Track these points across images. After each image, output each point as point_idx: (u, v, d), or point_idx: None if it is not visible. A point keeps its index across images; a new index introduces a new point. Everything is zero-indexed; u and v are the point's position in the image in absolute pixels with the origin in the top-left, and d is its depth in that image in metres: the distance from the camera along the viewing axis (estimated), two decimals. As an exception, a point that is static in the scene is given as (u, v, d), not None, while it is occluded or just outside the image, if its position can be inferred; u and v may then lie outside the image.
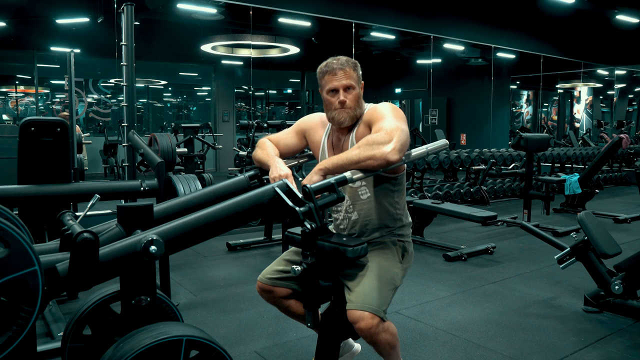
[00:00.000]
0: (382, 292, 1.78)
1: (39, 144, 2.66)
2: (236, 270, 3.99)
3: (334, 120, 1.93)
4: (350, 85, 1.88)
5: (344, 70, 1.87)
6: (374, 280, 1.80)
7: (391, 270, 1.87)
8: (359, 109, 1.91)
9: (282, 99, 17.79)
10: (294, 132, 2.13)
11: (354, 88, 1.89)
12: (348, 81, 1.88)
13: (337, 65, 1.88)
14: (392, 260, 1.91)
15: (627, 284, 2.95)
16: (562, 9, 9.21)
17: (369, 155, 1.66)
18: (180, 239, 1.60)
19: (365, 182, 1.91)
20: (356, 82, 1.90)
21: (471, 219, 4.35)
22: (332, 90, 1.90)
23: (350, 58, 1.92)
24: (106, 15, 8.11)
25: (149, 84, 13.59)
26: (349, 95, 1.88)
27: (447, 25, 9.66)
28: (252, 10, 7.68)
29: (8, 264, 1.30)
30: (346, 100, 1.87)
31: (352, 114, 1.89)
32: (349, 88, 1.88)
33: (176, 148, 4.33)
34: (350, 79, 1.88)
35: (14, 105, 12.98)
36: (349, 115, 1.89)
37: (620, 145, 6.10)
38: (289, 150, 2.12)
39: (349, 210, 1.97)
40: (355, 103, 1.89)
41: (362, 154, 1.67)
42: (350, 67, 1.89)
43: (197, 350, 1.48)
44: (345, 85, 1.88)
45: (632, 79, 15.23)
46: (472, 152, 7.31)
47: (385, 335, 1.76)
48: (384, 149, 1.65)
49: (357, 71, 1.92)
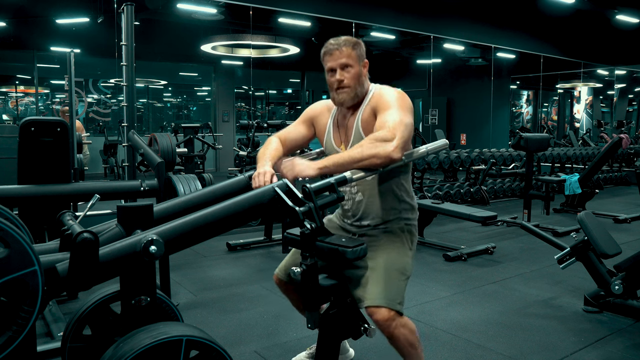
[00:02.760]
0: (395, 285, 1.81)
1: (39, 144, 2.66)
2: (236, 270, 3.99)
3: (335, 100, 1.93)
4: (347, 64, 1.86)
5: (340, 50, 1.86)
6: (385, 273, 1.82)
7: (402, 261, 1.89)
8: (359, 87, 1.89)
9: (282, 99, 17.79)
10: (301, 121, 2.12)
11: (352, 66, 1.87)
12: (344, 60, 1.86)
13: (334, 45, 1.88)
14: (402, 249, 1.92)
15: (627, 284, 2.95)
16: (562, 9, 9.21)
17: (372, 153, 1.66)
18: (180, 239, 1.60)
19: None
20: (355, 60, 1.87)
21: (471, 219, 4.35)
22: (330, 70, 1.90)
23: (351, 37, 1.91)
24: (106, 15, 8.11)
25: (149, 84, 13.58)
26: (346, 74, 1.86)
27: (447, 25, 9.66)
28: (252, 10, 7.68)
29: (8, 264, 1.30)
30: (343, 79, 1.86)
31: (352, 93, 1.88)
32: (346, 67, 1.86)
33: (176, 148, 4.33)
34: (347, 57, 1.86)
35: (14, 105, 12.98)
36: (349, 95, 1.88)
37: (620, 145, 6.10)
38: (298, 142, 2.11)
39: (353, 191, 1.96)
40: (354, 81, 1.87)
41: (365, 152, 1.67)
42: (349, 46, 1.87)
43: (197, 350, 1.48)
44: (341, 64, 1.86)
45: (632, 79, 15.22)
46: (472, 152, 7.31)
47: (403, 330, 1.80)
48: (387, 147, 1.66)
49: (356, 49, 1.88)
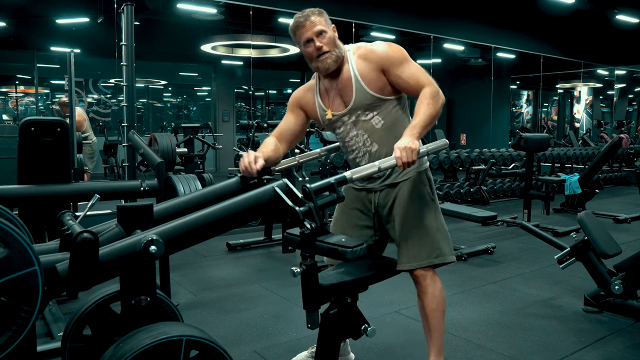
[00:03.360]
0: (429, 241, 2.02)
1: (39, 144, 2.66)
2: (236, 270, 3.99)
3: (319, 69, 2.01)
4: (321, 31, 1.95)
5: (310, 20, 1.94)
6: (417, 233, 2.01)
7: (429, 217, 2.04)
8: (337, 50, 1.98)
9: (282, 99, 17.77)
10: (289, 111, 2.21)
11: (326, 32, 1.96)
12: (318, 27, 1.94)
13: (303, 18, 1.95)
14: (425, 202, 2.06)
15: (627, 284, 2.95)
16: (562, 9, 9.21)
17: (440, 104, 1.90)
18: (180, 239, 1.60)
19: (376, 110, 2.01)
20: (326, 26, 1.97)
21: (471, 219, 4.34)
22: (307, 42, 1.96)
23: (314, 8, 1.99)
24: (106, 15, 8.11)
25: (149, 84, 13.58)
26: (323, 40, 1.95)
27: (447, 25, 9.66)
28: (252, 10, 7.68)
29: (8, 264, 1.30)
30: (322, 45, 1.95)
31: (334, 56, 1.96)
32: (320, 33, 1.95)
33: (176, 148, 4.33)
34: (318, 24, 1.95)
35: (14, 105, 12.97)
36: (331, 59, 1.96)
37: (620, 145, 6.10)
38: (292, 131, 2.17)
39: (367, 143, 2.04)
40: (331, 45, 1.96)
41: (436, 106, 1.88)
42: (316, 15, 1.96)
43: (197, 350, 1.48)
44: (316, 32, 1.94)
45: (632, 79, 15.23)
46: (472, 152, 7.30)
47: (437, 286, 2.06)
48: (441, 95, 1.92)
49: (323, 16, 1.98)
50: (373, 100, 1.99)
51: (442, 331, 2.11)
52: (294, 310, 3.09)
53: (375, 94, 1.98)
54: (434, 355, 2.11)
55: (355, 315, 1.85)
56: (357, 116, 2.02)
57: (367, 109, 2.01)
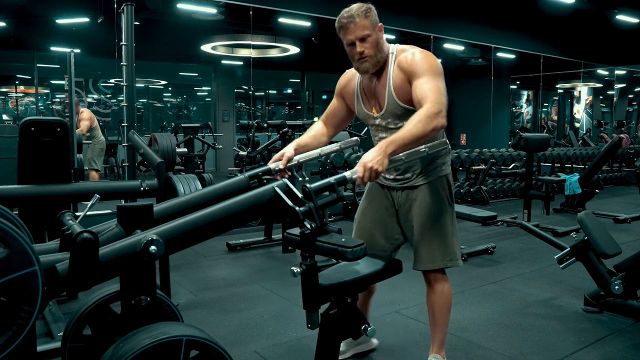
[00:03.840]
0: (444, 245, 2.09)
1: (39, 144, 2.66)
2: (236, 270, 3.99)
3: (359, 70, 2.03)
4: (364, 36, 1.93)
5: (354, 22, 1.92)
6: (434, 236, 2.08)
7: (444, 221, 2.10)
8: (380, 53, 1.97)
9: (282, 99, 17.78)
10: (335, 97, 2.25)
11: (370, 35, 1.93)
12: (361, 32, 1.92)
13: (348, 18, 1.93)
14: (443, 207, 2.11)
15: (627, 284, 2.95)
16: (562, 9, 9.21)
17: (431, 127, 1.76)
18: (180, 239, 1.60)
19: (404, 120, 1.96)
20: (370, 29, 1.94)
21: (471, 219, 4.34)
22: (349, 44, 1.97)
23: (361, 4, 1.96)
24: (106, 15, 8.11)
25: (149, 84, 13.58)
26: (365, 44, 1.94)
27: (447, 25, 9.65)
28: (252, 10, 7.68)
29: (8, 264, 1.30)
30: (364, 49, 1.94)
31: (374, 61, 1.97)
32: (364, 38, 1.93)
33: (176, 148, 4.33)
34: (363, 29, 1.92)
35: (14, 105, 12.97)
36: (371, 64, 1.97)
37: (620, 145, 6.10)
38: (338, 116, 2.23)
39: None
40: (374, 50, 1.95)
41: (426, 128, 1.75)
42: (361, 16, 1.92)
43: (197, 350, 1.48)
44: (359, 36, 1.93)
45: (632, 79, 15.23)
46: (472, 152, 7.30)
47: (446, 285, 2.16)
48: (440, 119, 1.78)
49: (369, 17, 1.94)
50: (402, 111, 2.01)
51: (447, 326, 2.22)
52: (294, 310, 3.09)
53: (405, 106, 2.00)
54: (437, 347, 2.21)
55: (355, 315, 1.86)
56: (388, 123, 2.08)
57: (397, 118, 2.04)
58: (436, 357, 2.20)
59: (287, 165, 2.04)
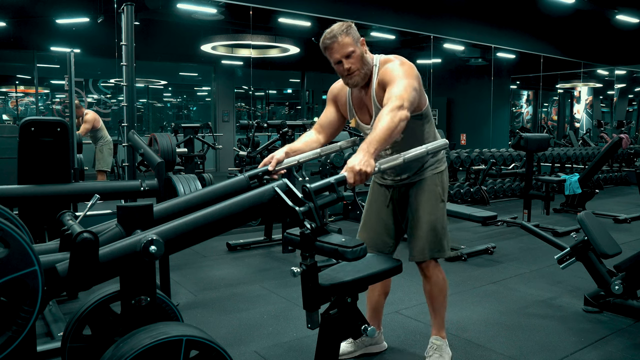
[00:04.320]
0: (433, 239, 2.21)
1: (39, 144, 2.66)
2: (236, 270, 3.99)
3: (349, 85, 2.15)
4: (348, 53, 2.03)
5: (337, 42, 2.02)
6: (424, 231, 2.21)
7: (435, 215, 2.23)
8: (365, 66, 2.08)
9: (282, 99, 17.78)
10: (328, 104, 2.34)
11: (354, 51, 2.04)
12: (345, 50, 2.03)
13: (330, 40, 2.03)
14: (435, 202, 2.23)
15: (627, 284, 2.95)
16: (562, 9, 9.21)
17: (397, 119, 1.85)
18: (180, 239, 1.60)
19: None
20: (353, 45, 2.04)
21: (471, 219, 4.34)
22: (336, 63, 2.08)
23: (342, 23, 2.06)
24: (106, 15, 8.10)
25: (149, 84, 13.57)
26: (351, 60, 2.04)
27: (447, 25, 9.65)
28: (252, 10, 7.68)
29: (8, 264, 1.30)
30: (350, 65, 2.05)
31: (362, 74, 2.08)
32: (349, 56, 2.04)
33: (176, 148, 4.33)
34: (346, 46, 2.03)
35: (14, 105, 12.97)
36: (360, 77, 2.08)
37: (620, 145, 6.10)
38: (332, 123, 2.31)
39: (388, 152, 2.19)
40: (359, 64, 2.06)
41: (393, 121, 1.84)
42: (343, 35, 2.02)
43: (197, 350, 1.48)
44: (344, 54, 2.04)
45: (632, 79, 15.23)
46: (472, 152, 7.30)
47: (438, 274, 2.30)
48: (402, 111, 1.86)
49: (350, 34, 2.04)
50: None
51: (444, 311, 2.37)
52: (294, 310, 3.09)
53: None
54: (437, 330, 2.36)
55: (355, 315, 1.85)
56: None
57: None
58: (437, 339, 2.35)
59: (275, 169, 2.09)
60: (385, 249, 2.34)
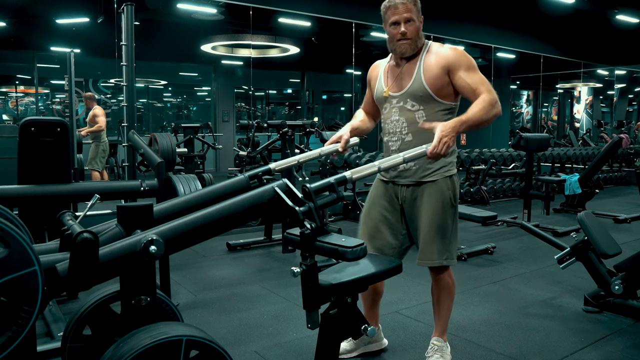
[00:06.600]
0: (442, 244, 2.15)
1: (39, 144, 2.66)
2: (236, 270, 3.99)
3: (395, 51, 2.15)
4: (410, 18, 2.08)
5: (405, 5, 2.07)
6: (433, 235, 2.14)
7: (446, 222, 2.16)
8: (419, 40, 2.12)
9: (282, 99, 17.78)
10: (368, 88, 2.38)
11: (414, 21, 2.09)
12: (409, 14, 2.07)
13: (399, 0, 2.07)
14: (446, 207, 2.16)
15: (627, 284, 2.95)
16: (562, 9, 9.21)
17: (494, 113, 1.97)
18: (180, 239, 1.60)
19: (424, 106, 2.11)
20: (416, 15, 2.10)
21: (471, 219, 4.34)
22: (394, 23, 2.10)
23: None
24: (106, 15, 8.10)
25: (149, 84, 13.58)
26: (409, 27, 2.08)
27: (447, 25, 9.65)
28: (252, 10, 7.68)
29: (8, 264, 1.30)
30: (407, 31, 2.08)
31: (413, 45, 2.10)
32: (409, 21, 2.08)
33: (176, 148, 4.33)
34: (410, 12, 2.07)
35: (14, 105, 12.98)
36: (410, 47, 2.10)
37: (620, 145, 6.10)
38: (372, 105, 2.37)
39: (404, 131, 2.16)
40: (415, 35, 2.10)
41: (489, 114, 1.95)
42: (411, 2, 2.08)
43: (197, 350, 1.48)
44: (406, 18, 2.07)
45: (632, 79, 15.24)
46: (472, 152, 7.30)
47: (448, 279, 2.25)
48: (499, 106, 1.99)
49: (417, 5, 2.11)
50: (424, 94, 2.10)
51: (449, 315, 2.35)
52: (294, 310, 3.09)
53: (428, 89, 2.09)
54: (439, 332, 2.34)
55: (355, 315, 1.85)
56: (405, 103, 2.15)
57: (416, 100, 2.12)
58: (439, 340, 2.34)
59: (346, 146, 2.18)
60: (388, 251, 2.24)
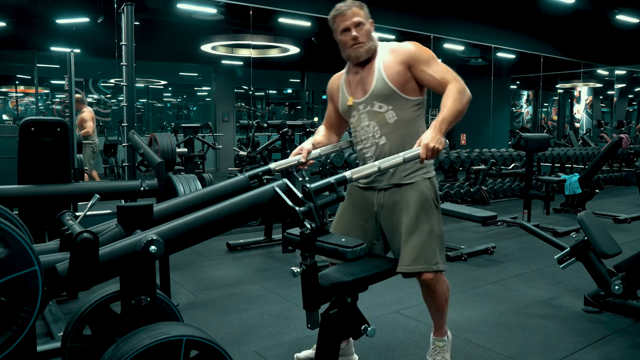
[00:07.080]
0: (428, 248, 2.04)
1: (39, 144, 2.66)
2: (236, 270, 3.99)
3: (350, 57, 2.12)
4: (359, 22, 2.06)
5: (352, 10, 2.07)
6: (418, 238, 2.04)
7: (430, 222, 2.07)
8: (371, 42, 2.10)
9: (282, 99, 17.78)
10: (328, 102, 2.35)
11: (364, 24, 2.07)
12: (358, 18, 2.06)
13: (345, 7, 2.07)
14: (429, 209, 2.08)
15: (627, 284, 2.95)
16: (562, 9, 9.21)
17: (466, 100, 1.97)
18: (180, 239, 1.60)
19: (392, 105, 2.08)
20: (365, 19, 2.09)
21: (471, 219, 4.34)
22: (344, 30, 2.08)
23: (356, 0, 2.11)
24: (106, 15, 8.11)
25: (149, 84, 13.58)
26: (360, 31, 2.07)
27: (447, 25, 9.66)
28: (252, 10, 7.68)
29: (8, 264, 1.30)
30: (359, 35, 2.06)
31: (366, 47, 2.08)
32: (359, 25, 2.06)
33: (176, 148, 4.33)
34: (358, 16, 2.07)
35: (14, 105, 12.98)
36: (364, 50, 2.08)
37: (620, 145, 6.11)
38: (335, 119, 2.34)
39: (376, 135, 2.11)
40: (366, 37, 2.08)
41: (462, 102, 1.95)
42: (357, 7, 2.08)
43: (197, 350, 1.48)
44: (355, 22, 2.06)
45: (632, 79, 15.24)
46: (472, 152, 7.30)
47: (442, 285, 2.13)
48: (468, 92, 1.99)
49: (364, 9, 2.10)
50: (390, 93, 2.06)
51: (446, 313, 2.27)
52: (294, 310, 3.09)
53: (393, 87, 2.06)
54: (439, 331, 2.31)
55: (355, 315, 1.86)
56: (372, 106, 2.11)
57: (383, 101, 2.08)
58: (440, 340, 2.32)
59: (307, 159, 2.16)
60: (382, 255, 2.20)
